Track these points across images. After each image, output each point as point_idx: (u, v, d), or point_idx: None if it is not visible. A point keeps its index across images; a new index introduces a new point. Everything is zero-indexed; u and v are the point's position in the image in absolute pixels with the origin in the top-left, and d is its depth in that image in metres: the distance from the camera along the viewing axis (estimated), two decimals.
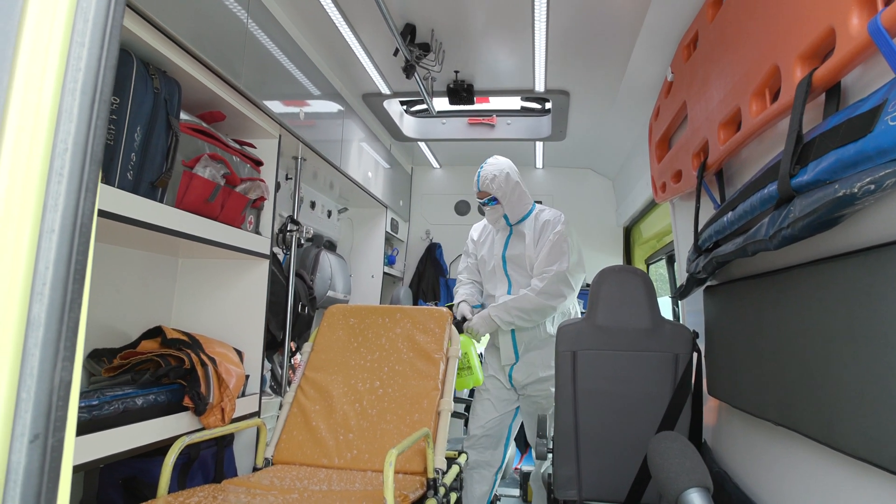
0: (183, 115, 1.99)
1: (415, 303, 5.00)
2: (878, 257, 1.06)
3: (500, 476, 3.32)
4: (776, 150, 1.48)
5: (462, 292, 3.30)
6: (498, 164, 3.17)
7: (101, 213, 1.51)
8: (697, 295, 2.39)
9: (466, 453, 2.82)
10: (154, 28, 1.72)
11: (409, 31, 2.79)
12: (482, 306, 3.23)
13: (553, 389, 3.19)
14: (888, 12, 0.95)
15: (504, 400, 3.20)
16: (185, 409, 1.91)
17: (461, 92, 3.38)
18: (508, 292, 3.14)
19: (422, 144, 4.74)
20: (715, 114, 1.91)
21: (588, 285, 4.85)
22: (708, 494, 1.35)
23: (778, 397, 1.50)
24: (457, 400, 3.62)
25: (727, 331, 1.96)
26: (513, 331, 3.09)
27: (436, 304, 4.73)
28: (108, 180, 1.60)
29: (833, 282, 1.23)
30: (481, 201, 3.18)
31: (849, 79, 1.21)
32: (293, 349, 3.08)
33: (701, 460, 1.42)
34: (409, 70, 2.89)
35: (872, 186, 0.91)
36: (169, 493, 1.75)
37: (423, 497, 2.04)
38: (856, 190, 0.93)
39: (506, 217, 3.17)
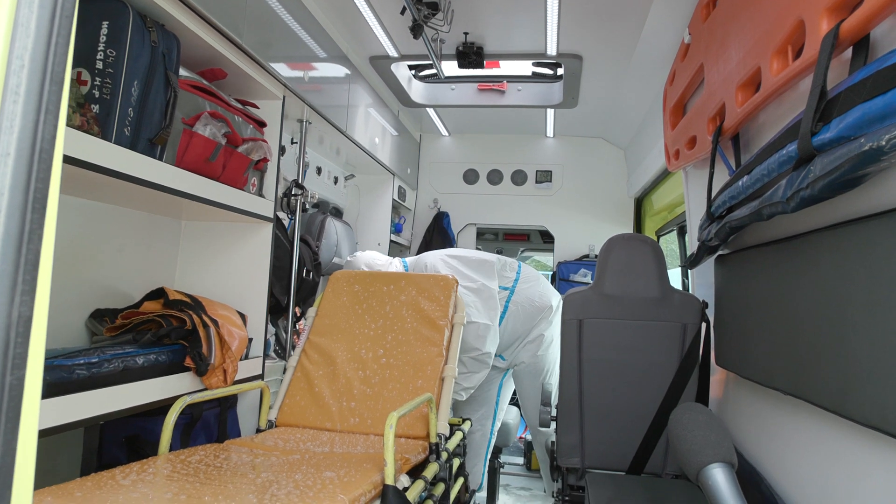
0: (182, 72, 1.94)
1: None
2: None
3: (495, 430, 3.48)
4: (796, 111, 1.41)
5: None
6: None
7: (98, 169, 1.47)
8: (707, 267, 2.34)
9: (470, 420, 2.82)
10: None
11: None
12: None
13: (526, 360, 3.28)
14: None
15: None
16: (187, 369, 1.90)
17: (470, 55, 3.29)
18: None
19: (430, 112, 4.66)
20: (733, 75, 1.84)
21: (592, 257, 4.83)
22: (732, 471, 1.24)
23: (788, 366, 1.46)
24: None
25: (738, 299, 1.91)
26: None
27: None
28: (104, 135, 1.56)
29: (853, 246, 1.17)
30: None
31: (878, 31, 1.14)
32: (298, 314, 3.07)
33: (727, 434, 1.31)
34: (416, 30, 2.80)
35: None
36: (171, 451, 1.75)
37: (425, 461, 2.04)
38: (883, 143, 0.87)
39: None
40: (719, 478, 1.24)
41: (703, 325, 2.30)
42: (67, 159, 1.36)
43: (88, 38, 1.57)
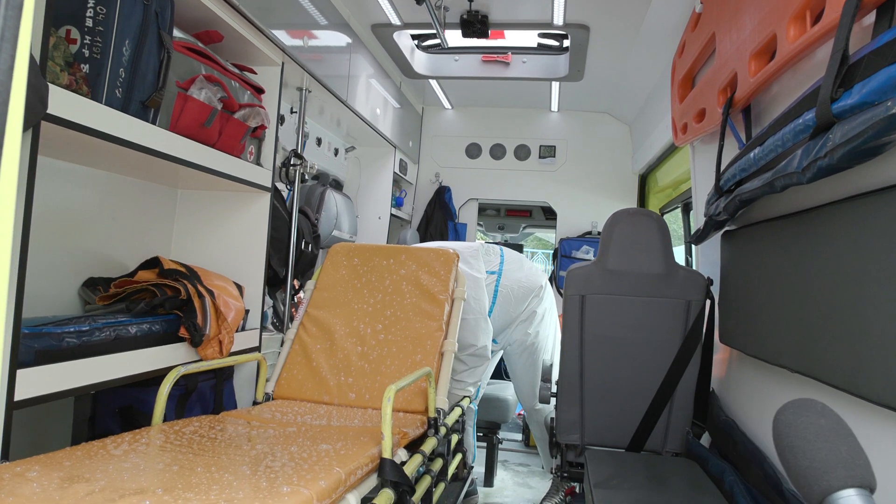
0: (177, 34, 1.87)
1: None
2: None
3: (476, 402, 3.39)
4: (811, 81, 1.35)
5: None
6: None
7: (87, 131, 1.42)
8: (712, 245, 2.29)
9: (469, 397, 2.79)
10: None
11: None
12: None
13: (518, 338, 3.28)
14: None
15: None
16: (182, 340, 1.86)
17: (475, 23, 3.20)
18: None
19: (433, 84, 4.57)
20: (747, 43, 1.77)
21: (594, 233, 4.78)
22: (871, 498, 0.86)
23: (796, 343, 1.42)
24: None
25: (745, 276, 1.87)
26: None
27: None
28: (94, 96, 1.50)
29: (871, 219, 1.13)
30: None
31: None
32: (296, 287, 3.03)
33: (860, 447, 0.91)
34: None
35: None
36: (165, 422, 1.72)
37: (424, 436, 2.02)
38: None
39: None
40: None
41: (708, 301, 2.26)
42: (55, 119, 1.31)
43: None
